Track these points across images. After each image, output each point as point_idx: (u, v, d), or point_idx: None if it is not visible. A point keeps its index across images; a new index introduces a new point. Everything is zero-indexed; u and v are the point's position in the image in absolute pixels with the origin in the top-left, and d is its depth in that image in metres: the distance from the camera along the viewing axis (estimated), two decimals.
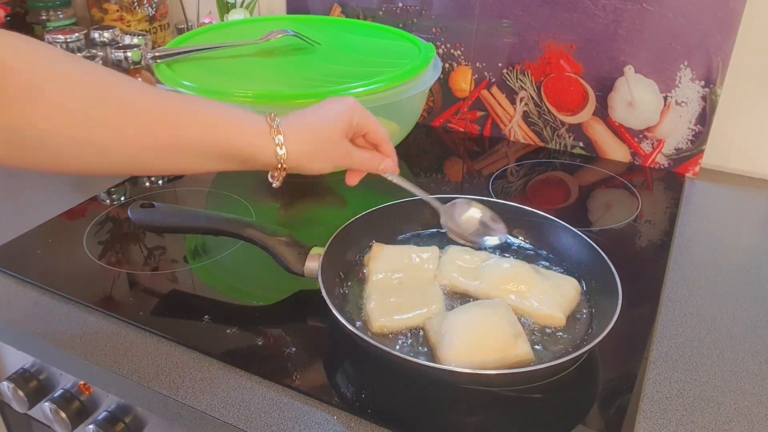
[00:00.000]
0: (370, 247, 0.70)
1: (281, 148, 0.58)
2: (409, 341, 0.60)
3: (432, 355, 0.58)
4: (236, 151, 0.57)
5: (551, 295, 0.63)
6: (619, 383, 0.58)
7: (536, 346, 0.59)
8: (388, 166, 0.67)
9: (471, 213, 0.71)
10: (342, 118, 0.62)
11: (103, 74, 0.51)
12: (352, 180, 0.68)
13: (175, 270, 0.75)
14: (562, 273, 0.68)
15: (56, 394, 0.71)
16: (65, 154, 0.49)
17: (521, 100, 1.05)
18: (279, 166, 0.59)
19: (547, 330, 0.61)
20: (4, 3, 1.26)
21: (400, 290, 0.65)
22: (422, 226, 0.76)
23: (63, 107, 0.47)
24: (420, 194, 0.69)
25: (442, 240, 0.73)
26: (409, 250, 0.70)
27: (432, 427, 0.55)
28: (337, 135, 0.62)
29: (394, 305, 0.63)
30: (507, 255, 0.71)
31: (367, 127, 0.65)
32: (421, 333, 0.61)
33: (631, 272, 0.64)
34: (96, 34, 1.14)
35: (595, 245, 0.66)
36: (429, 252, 0.70)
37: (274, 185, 0.62)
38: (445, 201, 0.71)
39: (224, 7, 1.18)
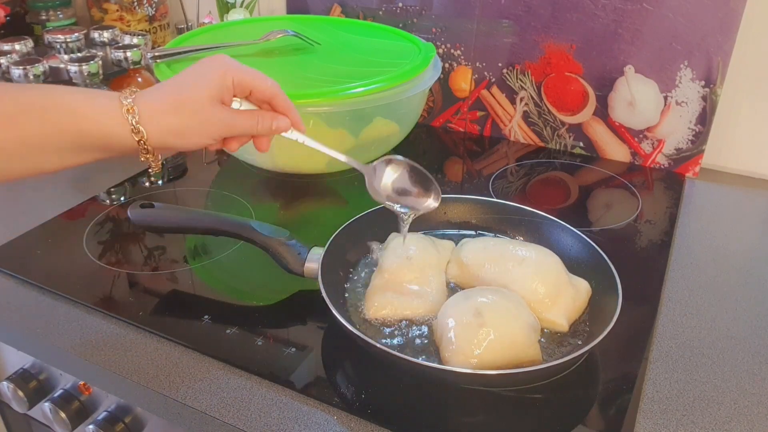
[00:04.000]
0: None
1: (136, 129, 0.51)
2: (405, 332, 0.61)
3: (436, 352, 0.58)
4: (89, 139, 0.51)
5: (564, 301, 0.62)
6: (619, 383, 0.58)
7: None
8: (282, 124, 0.59)
9: (388, 176, 0.63)
10: (209, 82, 0.54)
11: None
12: (261, 146, 0.60)
13: (175, 270, 0.75)
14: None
15: (56, 394, 0.71)
16: None
17: (521, 100, 1.05)
18: (142, 148, 0.52)
19: (547, 331, 0.61)
20: (4, 3, 1.26)
21: (406, 273, 0.64)
22: (423, 227, 0.76)
23: None
24: (335, 155, 0.62)
25: (450, 239, 0.73)
26: (426, 237, 0.71)
27: (432, 427, 0.55)
28: (206, 103, 0.54)
29: (394, 293, 0.63)
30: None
31: (249, 83, 0.56)
32: (424, 328, 0.61)
33: (631, 272, 0.64)
34: (96, 34, 1.14)
35: (595, 245, 0.66)
36: (445, 243, 0.71)
37: (151, 171, 0.56)
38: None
39: (224, 7, 1.18)
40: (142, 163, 0.55)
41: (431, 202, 0.64)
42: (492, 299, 0.58)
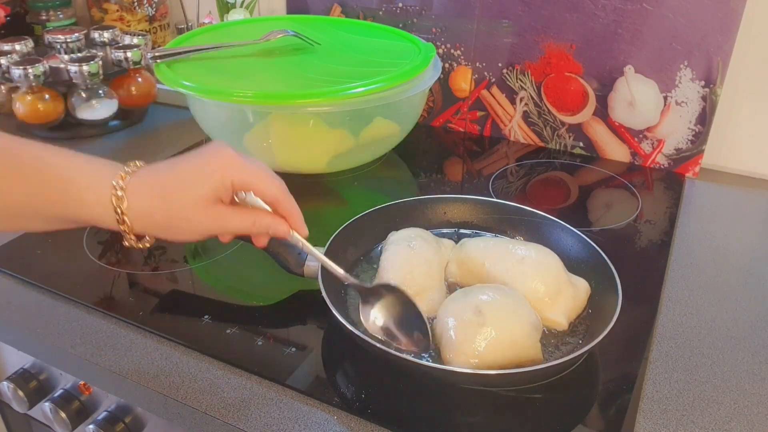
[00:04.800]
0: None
1: (122, 220, 0.50)
2: None
3: (438, 352, 0.58)
4: (74, 217, 0.51)
5: (564, 299, 0.62)
6: (619, 383, 0.58)
7: None
8: (280, 229, 0.56)
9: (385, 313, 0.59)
10: (205, 182, 0.52)
11: None
12: (257, 242, 0.60)
13: (175, 270, 0.75)
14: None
15: (56, 394, 0.71)
16: None
17: (521, 100, 1.05)
18: (126, 236, 0.52)
19: (547, 330, 0.61)
20: (4, 3, 1.26)
21: (406, 273, 0.64)
22: (424, 226, 0.76)
23: None
24: (338, 272, 0.60)
25: (450, 239, 0.73)
26: (427, 234, 0.70)
27: (432, 427, 0.55)
28: (199, 204, 0.51)
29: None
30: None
31: (251, 185, 0.54)
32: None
33: (631, 272, 0.64)
34: (96, 34, 1.14)
35: (595, 245, 0.66)
36: (445, 241, 0.71)
37: (133, 246, 0.54)
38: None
39: (224, 7, 1.18)
40: None
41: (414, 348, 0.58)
42: (493, 297, 0.58)
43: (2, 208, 0.49)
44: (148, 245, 0.56)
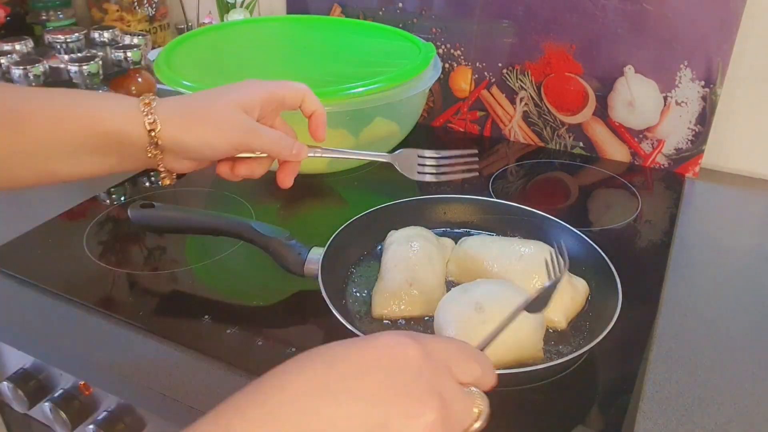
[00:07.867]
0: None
1: (150, 115, 0.50)
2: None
3: None
4: (102, 130, 0.50)
5: (563, 298, 0.61)
6: (619, 383, 0.58)
7: None
8: (303, 152, 0.59)
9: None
10: (235, 91, 0.54)
11: None
12: (284, 180, 0.61)
13: (175, 270, 0.75)
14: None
15: (56, 394, 0.71)
16: None
17: (521, 100, 1.05)
18: (151, 141, 0.51)
19: (545, 329, 0.61)
20: (4, 3, 1.26)
21: (407, 272, 0.64)
22: (424, 227, 0.76)
23: None
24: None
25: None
26: (427, 233, 0.70)
27: None
28: (230, 107, 0.53)
29: (395, 292, 0.63)
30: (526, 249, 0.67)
31: (279, 92, 0.57)
32: (425, 326, 0.61)
33: (631, 272, 0.64)
34: (96, 34, 1.14)
35: (595, 245, 0.66)
36: (445, 240, 0.71)
37: (163, 182, 0.56)
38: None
39: (224, 7, 1.18)
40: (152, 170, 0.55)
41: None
42: (494, 292, 0.58)
43: (28, 144, 0.49)
44: (168, 181, 0.56)
